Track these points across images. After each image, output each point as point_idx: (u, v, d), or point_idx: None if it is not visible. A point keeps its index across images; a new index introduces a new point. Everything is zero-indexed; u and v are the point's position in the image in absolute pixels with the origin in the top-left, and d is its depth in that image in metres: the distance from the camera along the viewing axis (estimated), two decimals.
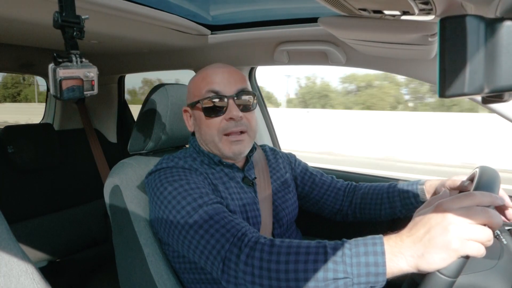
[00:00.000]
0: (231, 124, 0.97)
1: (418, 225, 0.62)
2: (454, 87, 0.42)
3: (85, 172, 2.03)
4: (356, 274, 0.64)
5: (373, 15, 0.86)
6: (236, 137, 0.98)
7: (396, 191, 1.12)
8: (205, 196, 0.88)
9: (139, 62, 1.91)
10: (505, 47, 0.41)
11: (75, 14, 0.68)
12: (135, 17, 1.17)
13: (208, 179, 0.97)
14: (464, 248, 0.57)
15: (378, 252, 0.63)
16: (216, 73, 0.99)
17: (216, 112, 0.97)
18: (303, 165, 1.27)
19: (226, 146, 0.98)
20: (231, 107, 0.97)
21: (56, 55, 0.67)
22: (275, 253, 0.71)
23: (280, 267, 0.69)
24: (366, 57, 1.29)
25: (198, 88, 1.00)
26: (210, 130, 0.98)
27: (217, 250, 0.78)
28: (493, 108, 1.09)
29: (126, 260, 1.05)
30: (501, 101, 0.50)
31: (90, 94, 0.73)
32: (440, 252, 0.58)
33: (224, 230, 0.79)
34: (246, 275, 0.72)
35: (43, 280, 0.69)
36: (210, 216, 0.82)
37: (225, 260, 0.76)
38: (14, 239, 0.70)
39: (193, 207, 0.84)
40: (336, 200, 1.22)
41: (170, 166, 0.96)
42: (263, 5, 1.41)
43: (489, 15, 0.45)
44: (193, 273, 0.96)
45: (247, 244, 0.75)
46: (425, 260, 0.59)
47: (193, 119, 1.04)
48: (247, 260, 0.73)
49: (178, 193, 0.88)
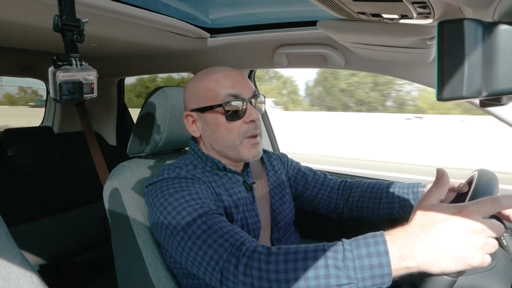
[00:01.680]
0: (251, 127, 0.97)
1: (432, 226, 0.60)
2: (452, 91, 0.42)
3: (85, 175, 2.03)
4: (360, 278, 0.61)
5: (372, 19, 0.86)
6: (256, 140, 0.99)
7: (395, 191, 1.11)
8: (205, 206, 0.86)
9: (139, 65, 1.91)
10: (502, 51, 0.41)
11: (75, 18, 0.68)
12: (135, 20, 1.17)
13: (211, 188, 0.95)
14: (478, 261, 0.57)
15: (381, 252, 0.61)
16: (229, 76, 0.99)
17: (238, 115, 0.96)
18: (295, 165, 1.27)
19: (246, 149, 0.98)
20: (250, 109, 0.97)
21: (56, 58, 0.68)
22: (273, 262, 0.69)
23: (280, 277, 0.67)
24: (364, 60, 1.30)
25: (212, 92, 0.97)
26: (231, 134, 0.97)
27: (215, 261, 0.76)
28: (491, 111, 1.09)
29: (125, 263, 1.05)
30: (499, 105, 0.51)
31: (90, 97, 0.73)
32: (456, 263, 0.57)
33: (222, 240, 0.78)
34: (246, 286, 0.71)
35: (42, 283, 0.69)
36: (209, 226, 0.81)
37: (223, 271, 0.74)
38: (13, 242, 0.69)
39: (193, 217, 0.83)
40: (330, 199, 1.22)
41: (172, 177, 0.94)
42: (263, 9, 1.41)
43: (487, 19, 0.45)
44: (192, 278, 0.96)
45: (245, 254, 0.73)
46: (437, 267, 0.58)
47: (202, 123, 1.01)
48: (246, 270, 0.71)
49: (179, 204, 0.86)
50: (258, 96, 1.00)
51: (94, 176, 2.05)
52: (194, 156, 1.05)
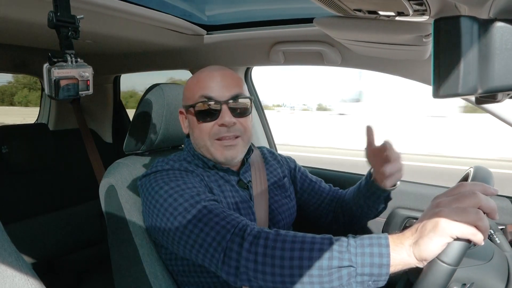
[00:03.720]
0: (223, 129, 0.96)
1: (417, 220, 0.65)
2: (448, 88, 0.43)
3: (80, 173, 2.02)
4: (360, 263, 0.64)
5: (368, 16, 0.86)
6: (230, 142, 0.97)
7: (359, 190, 1.09)
8: (202, 194, 0.87)
9: (135, 62, 1.90)
10: (498, 48, 0.41)
11: (70, 14, 0.68)
12: (130, 17, 1.17)
13: (204, 181, 0.96)
14: (453, 228, 0.58)
15: (382, 244, 0.64)
16: (210, 77, 0.98)
17: (209, 117, 0.96)
18: (302, 171, 1.25)
19: (218, 150, 0.97)
20: (224, 113, 0.95)
21: (51, 55, 0.67)
22: (280, 240, 0.71)
23: (285, 254, 0.69)
24: (361, 57, 1.30)
25: (192, 91, 0.99)
26: (202, 134, 0.97)
27: (217, 242, 0.77)
28: (486, 108, 1.10)
29: (121, 260, 1.05)
30: (495, 102, 0.51)
31: (85, 94, 0.73)
32: (432, 235, 0.59)
33: (224, 222, 0.78)
34: (249, 262, 0.72)
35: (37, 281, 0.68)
36: (209, 211, 0.81)
37: (226, 250, 0.75)
38: (8, 240, 0.69)
39: (190, 203, 0.83)
40: (328, 212, 1.21)
41: (165, 169, 0.95)
42: (259, 5, 1.41)
43: (482, 16, 0.45)
44: (187, 276, 0.96)
45: (250, 233, 0.75)
46: (419, 246, 0.60)
47: (187, 121, 1.04)
48: (251, 247, 0.73)
49: (175, 192, 0.87)
50: (239, 99, 0.98)
51: (90, 173, 2.04)
52: (188, 153, 1.05)
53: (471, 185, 0.65)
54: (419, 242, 0.61)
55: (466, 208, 0.59)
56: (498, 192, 0.67)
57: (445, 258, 0.59)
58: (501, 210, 1.25)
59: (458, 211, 0.59)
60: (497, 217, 0.61)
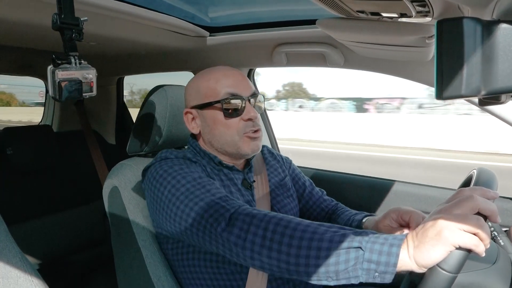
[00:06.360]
0: (250, 123, 1.00)
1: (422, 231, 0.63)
2: (451, 89, 0.42)
3: (84, 174, 2.03)
4: (369, 248, 0.63)
5: (371, 17, 0.86)
6: (255, 134, 1.01)
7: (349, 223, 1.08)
8: (205, 178, 0.90)
9: (138, 64, 1.91)
10: (501, 49, 0.41)
11: (74, 16, 0.68)
12: (134, 19, 1.17)
13: (206, 172, 0.99)
14: (455, 237, 0.57)
15: (397, 237, 0.64)
16: (229, 75, 1.02)
17: (236, 113, 0.99)
18: (297, 173, 1.25)
19: (245, 144, 1.00)
20: (249, 108, 0.99)
21: (55, 57, 0.68)
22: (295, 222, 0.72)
23: (296, 234, 0.69)
24: (364, 59, 1.30)
25: (213, 90, 1.00)
26: (230, 130, 0.99)
27: (225, 209, 0.79)
28: (490, 110, 1.09)
29: (124, 261, 1.05)
30: (498, 103, 0.51)
31: (89, 95, 0.73)
32: (434, 243, 0.59)
33: (229, 199, 0.82)
34: (256, 237, 0.72)
35: (41, 282, 0.69)
36: (213, 192, 0.84)
37: (233, 214, 0.77)
38: (12, 241, 0.70)
39: (192, 184, 0.87)
40: (317, 220, 1.19)
41: (170, 158, 0.98)
42: (262, 7, 1.41)
43: (485, 18, 0.45)
44: (191, 272, 0.96)
45: (261, 211, 0.76)
46: (419, 251, 0.60)
47: (202, 121, 1.03)
48: (265, 218, 0.74)
49: (178, 174, 0.90)
50: (257, 96, 1.03)
51: (94, 174, 2.05)
52: (192, 152, 1.06)
53: (470, 189, 0.65)
54: (420, 247, 0.60)
55: (466, 215, 0.59)
56: (500, 195, 0.66)
57: (445, 266, 0.59)
58: (505, 212, 1.24)
59: (458, 218, 0.58)
60: (499, 220, 0.60)
